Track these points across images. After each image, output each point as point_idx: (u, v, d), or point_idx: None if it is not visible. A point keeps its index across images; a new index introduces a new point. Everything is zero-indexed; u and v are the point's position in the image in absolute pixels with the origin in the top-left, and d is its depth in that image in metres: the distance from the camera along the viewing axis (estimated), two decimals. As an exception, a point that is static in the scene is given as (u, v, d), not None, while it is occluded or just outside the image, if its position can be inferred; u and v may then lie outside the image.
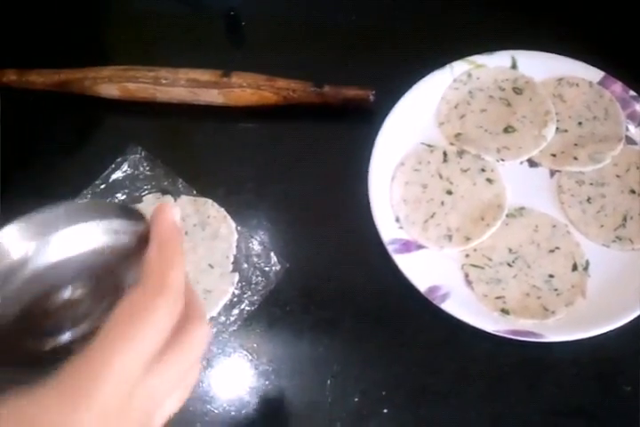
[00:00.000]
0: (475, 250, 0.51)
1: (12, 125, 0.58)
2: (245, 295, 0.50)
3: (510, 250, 0.51)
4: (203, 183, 0.54)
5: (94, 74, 0.56)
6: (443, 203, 0.53)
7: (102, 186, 0.54)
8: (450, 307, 0.48)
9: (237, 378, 0.48)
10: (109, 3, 0.64)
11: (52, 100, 0.57)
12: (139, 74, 0.56)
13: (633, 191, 0.53)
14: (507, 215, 0.52)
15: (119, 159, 0.54)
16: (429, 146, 0.55)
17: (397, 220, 0.52)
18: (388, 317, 0.49)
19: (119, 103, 0.57)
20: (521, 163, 0.55)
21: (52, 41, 0.61)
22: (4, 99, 0.57)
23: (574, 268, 0.50)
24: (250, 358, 0.48)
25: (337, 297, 0.50)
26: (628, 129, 0.55)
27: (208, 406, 0.47)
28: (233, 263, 0.51)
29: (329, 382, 0.47)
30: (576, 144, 0.55)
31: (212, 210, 0.53)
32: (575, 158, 0.54)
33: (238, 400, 0.47)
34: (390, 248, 0.50)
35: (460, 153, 0.55)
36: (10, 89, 0.57)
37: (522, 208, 0.52)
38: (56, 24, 0.62)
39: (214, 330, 0.49)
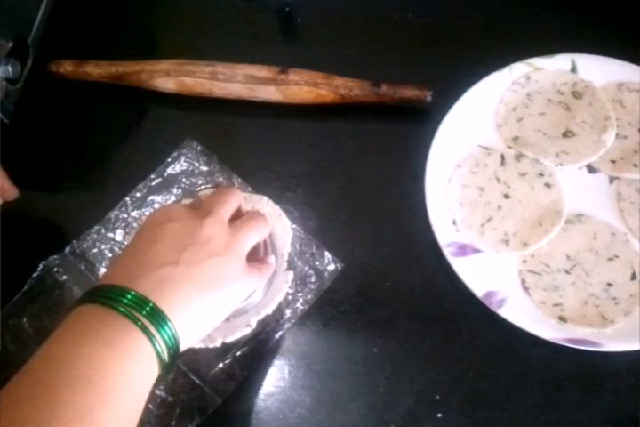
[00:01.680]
0: (532, 256, 0.51)
1: (67, 117, 0.58)
2: (300, 294, 0.50)
3: (568, 257, 0.50)
4: (258, 180, 0.54)
5: (151, 67, 0.56)
6: (500, 207, 0.52)
7: (158, 180, 0.54)
8: (507, 313, 0.48)
9: (290, 377, 0.48)
10: (167, -5, 0.64)
11: (109, 92, 0.58)
12: (196, 68, 0.56)
13: (694, 200, 0.52)
14: (565, 222, 0.51)
15: (175, 153, 0.55)
16: (487, 148, 0.55)
17: (454, 223, 0.52)
18: (444, 319, 0.49)
19: (175, 97, 0.57)
20: (579, 168, 0.54)
21: (110, 33, 0.61)
22: (61, 90, 0.58)
23: (633, 277, 0.49)
24: (303, 357, 0.48)
25: (392, 298, 0.50)
26: (689, 137, 0.54)
27: (261, 404, 0.47)
28: (287, 261, 0.51)
29: (382, 383, 0.47)
30: (636, 151, 0.54)
31: (267, 207, 0.52)
32: (635, 166, 0.53)
33: (291, 399, 0.47)
34: (447, 251, 0.50)
35: (518, 157, 0.54)
36: (66, 80, 0.57)
37: (580, 215, 0.52)
38: (113, 16, 0.62)
39: (268, 329, 0.49)
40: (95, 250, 0.51)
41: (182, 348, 0.35)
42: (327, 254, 0.51)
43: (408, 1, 0.62)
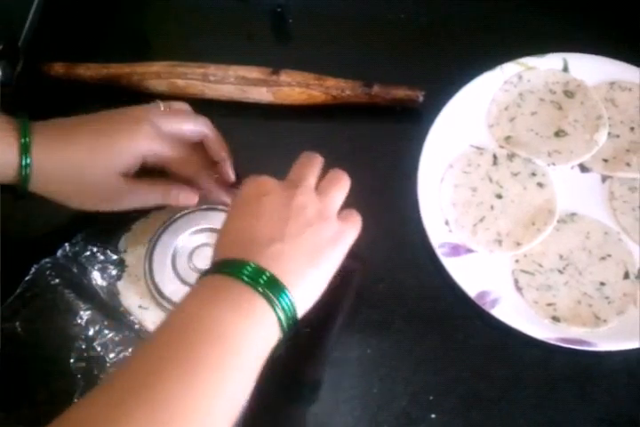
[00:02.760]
0: (525, 255, 0.51)
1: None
2: (293, 296, 0.50)
3: (561, 256, 0.50)
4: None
5: (142, 69, 0.56)
6: (492, 207, 0.52)
7: (150, 182, 0.54)
8: (500, 313, 0.48)
9: (283, 379, 0.48)
10: (157, -3, 0.64)
11: (100, 94, 0.57)
12: (188, 70, 0.56)
13: (686, 199, 0.52)
14: (557, 221, 0.51)
15: (167, 156, 0.54)
16: (479, 148, 0.55)
17: (447, 223, 0.52)
18: (438, 320, 0.49)
19: (167, 99, 0.56)
20: (572, 168, 0.54)
21: (101, 35, 0.61)
22: (52, 92, 0.58)
23: (626, 276, 0.49)
24: (297, 358, 0.48)
25: (386, 299, 0.50)
26: (681, 135, 0.54)
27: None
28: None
29: (376, 384, 0.47)
30: (628, 150, 0.54)
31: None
32: (627, 164, 0.53)
33: (288, 400, 0.47)
34: (440, 251, 0.50)
35: (511, 156, 0.54)
36: (57, 82, 0.57)
37: (573, 214, 0.52)
38: (105, 18, 0.62)
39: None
40: (87, 253, 0.51)
41: (299, 314, 0.38)
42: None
43: (400, 1, 0.62)
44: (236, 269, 0.37)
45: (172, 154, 0.47)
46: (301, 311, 0.39)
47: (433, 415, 0.46)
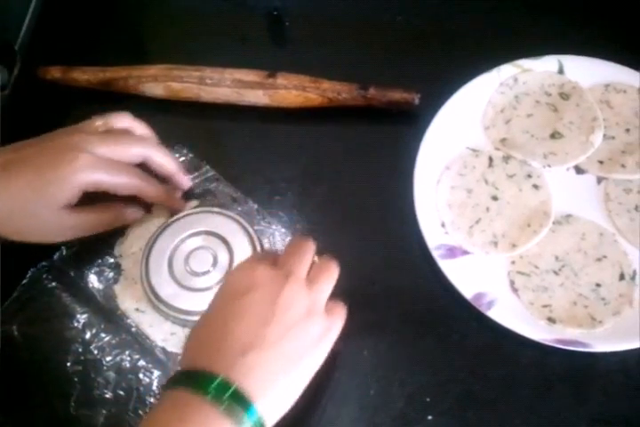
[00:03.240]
0: (521, 257, 0.51)
1: (55, 124, 0.58)
2: (290, 298, 0.50)
3: (557, 258, 0.51)
4: (246, 184, 0.54)
5: (139, 73, 0.56)
6: (488, 209, 0.52)
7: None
8: (496, 314, 0.48)
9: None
10: (154, 1, 0.64)
11: (97, 98, 0.58)
12: (184, 73, 0.56)
13: (681, 200, 0.52)
14: (553, 222, 0.51)
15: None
16: (475, 150, 0.55)
17: (443, 225, 0.52)
18: (434, 321, 0.49)
19: (163, 103, 0.57)
20: (567, 169, 0.54)
21: (98, 38, 0.61)
22: (49, 96, 0.58)
23: (622, 277, 0.50)
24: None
25: (382, 301, 0.50)
26: (676, 137, 0.55)
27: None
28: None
29: (373, 386, 0.47)
30: (623, 151, 0.54)
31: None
32: (623, 166, 0.53)
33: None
34: (436, 253, 0.50)
35: (506, 158, 0.54)
36: (54, 86, 0.57)
37: (569, 215, 0.52)
38: (101, 21, 0.62)
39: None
40: (84, 256, 0.51)
41: (269, 425, 0.37)
42: (316, 258, 0.51)
43: (396, 4, 0.62)
44: (202, 384, 0.35)
45: (113, 181, 0.45)
46: (272, 422, 0.37)
47: (430, 417, 0.46)
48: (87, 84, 0.57)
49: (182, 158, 0.54)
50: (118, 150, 0.46)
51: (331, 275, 0.43)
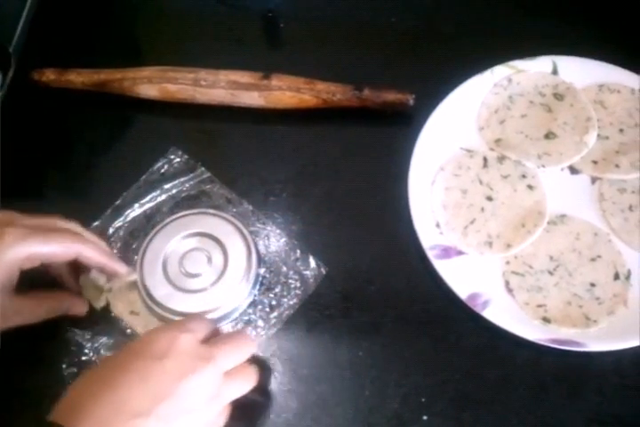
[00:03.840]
0: (515, 257, 0.51)
1: (50, 126, 0.58)
2: (284, 299, 0.50)
3: (551, 258, 0.51)
4: (242, 185, 0.54)
5: (134, 74, 0.56)
6: (483, 209, 0.53)
7: (142, 188, 0.54)
8: (491, 314, 0.48)
9: (276, 382, 0.48)
10: (148, 2, 0.64)
11: (92, 100, 0.58)
12: (178, 75, 0.56)
13: (675, 200, 0.52)
14: (548, 222, 0.52)
15: (159, 162, 0.54)
16: (469, 151, 0.55)
17: (437, 225, 0.52)
18: (429, 322, 0.49)
19: (158, 104, 0.57)
20: (562, 170, 0.54)
21: (92, 41, 0.61)
22: (44, 98, 0.58)
23: (616, 277, 0.50)
24: (288, 362, 0.48)
25: (377, 301, 0.50)
26: (670, 137, 0.55)
27: (247, 410, 0.47)
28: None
29: (368, 387, 0.47)
30: (617, 151, 0.54)
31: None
32: (617, 166, 0.53)
33: (277, 405, 0.47)
34: (431, 254, 0.50)
35: (501, 159, 0.54)
36: (49, 89, 0.57)
37: (563, 215, 0.52)
38: (96, 24, 0.62)
39: (253, 333, 0.49)
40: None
41: None
42: (311, 259, 0.51)
43: (390, 5, 0.62)
44: None
45: (48, 249, 0.43)
46: None
47: (425, 417, 0.46)
48: (82, 86, 0.57)
49: (177, 160, 0.55)
50: (48, 253, 0.43)
51: (250, 380, 0.41)
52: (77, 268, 0.49)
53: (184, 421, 0.36)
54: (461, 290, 0.49)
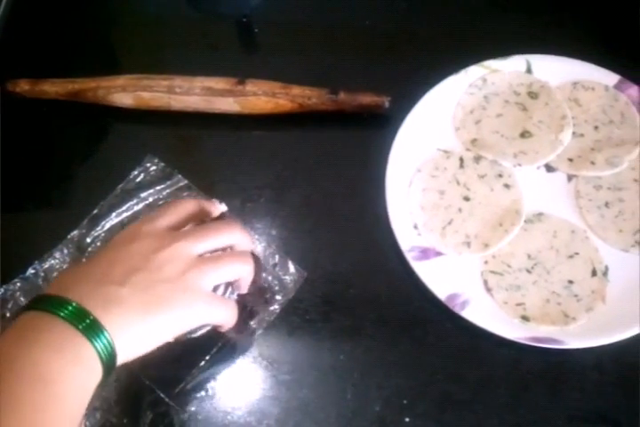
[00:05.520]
0: (493, 257, 0.51)
1: (25, 136, 0.58)
2: (264, 305, 0.50)
3: (529, 256, 0.51)
4: (219, 192, 0.54)
5: (108, 83, 0.56)
6: (460, 209, 0.53)
7: (119, 197, 0.53)
8: (470, 314, 0.48)
9: (257, 388, 0.48)
10: (121, 10, 0.64)
11: (66, 109, 0.57)
12: (153, 83, 0.56)
13: (651, 195, 0.53)
14: (525, 221, 0.52)
15: (136, 170, 0.54)
16: (446, 152, 0.55)
17: (415, 227, 0.52)
18: (409, 324, 0.49)
19: (133, 112, 0.57)
20: (538, 168, 0.54)
21: (65, 50, 0.61)
22: (18, 109, 0.57)
23: (594, 273, 0.50)
24: (270, 367, 0.48)
25: (357, 305, 0.50)
26: (644, 133, 0.55)
27: (228, 418, 0.47)
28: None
29: (350, 390, 0.47)
30: (593, 148, 0.55)
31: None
32: (592, 163, 0.54)
33: (259, 411, 0.47)
34: (409, 255, 0.50)
35: (477, 159, 0.54)
36: (23, 99, 0.57)
37: (540, 214, 0.52)
38: (68, 33, 0.62)
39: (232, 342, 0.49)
40: (58, 268, 0.51)
41: (119, 361, 0.37)
42: (290, 264, 0.51)
43: (364, 8, 0.62)
44: (55, 306, 0.36)
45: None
46: (123, 359, 0.37)
47: (407, 419, 0.46)
48: (56, 96, 0.57)
49: (153, 168, 0.54)
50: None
51: (233, 264, 0.42)
52: None
53: (160, 290, 0.38)
54: (440, 291, 0.49)
